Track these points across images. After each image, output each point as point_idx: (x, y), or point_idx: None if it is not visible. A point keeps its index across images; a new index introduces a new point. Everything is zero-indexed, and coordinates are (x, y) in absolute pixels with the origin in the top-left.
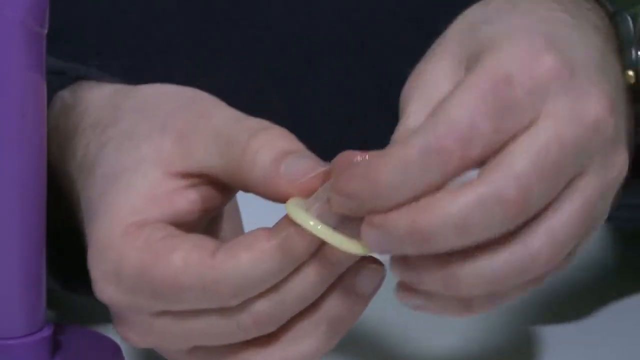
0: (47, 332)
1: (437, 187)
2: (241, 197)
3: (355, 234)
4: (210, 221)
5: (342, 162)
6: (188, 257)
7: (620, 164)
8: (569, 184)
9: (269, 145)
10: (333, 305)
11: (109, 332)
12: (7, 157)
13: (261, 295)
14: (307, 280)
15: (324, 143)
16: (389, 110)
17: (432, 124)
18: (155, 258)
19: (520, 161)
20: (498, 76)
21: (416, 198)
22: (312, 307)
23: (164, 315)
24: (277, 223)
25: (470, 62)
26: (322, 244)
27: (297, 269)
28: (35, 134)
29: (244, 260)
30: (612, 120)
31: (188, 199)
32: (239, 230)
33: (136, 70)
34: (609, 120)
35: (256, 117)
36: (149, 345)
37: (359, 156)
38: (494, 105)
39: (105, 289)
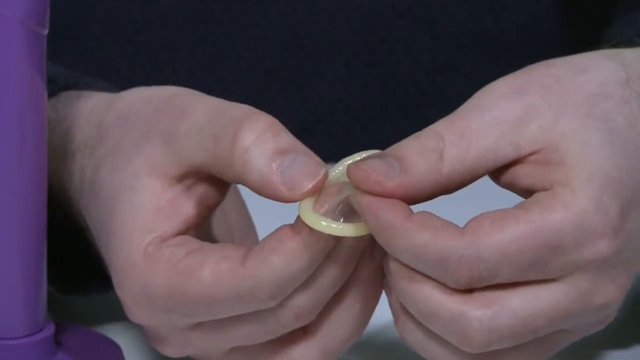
0: (48, 332)
1: None
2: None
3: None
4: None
5: (363, 177)
6: (218, 270)
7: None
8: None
9: (259, 144)
10: (360, 280)
11: (110, 331)
12: (7, 158)
13: (297, 289)
14: (337, 263)
15: (328, 141)
16: (393, 108)
17: (463, 246)
18: (184, 278)
19: (517, 302)
20: (550, 237)
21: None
22: (341, 290)
23: (200, 327)
24: (298, 218)
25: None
26: None
27: (327, 256)
28: (36, 134)
29: (275, 263)
30: (618, 303)
31: (190, 204)
32: (244, 212)
33: (140, 68)
34: (615, 304)
35: None
36: (188, 354)
37: (381, 176)
38: (529, 258)
39: (137, 312)
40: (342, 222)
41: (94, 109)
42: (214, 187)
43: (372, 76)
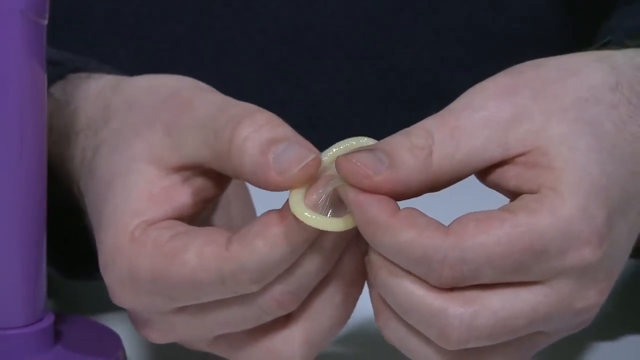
0: (47, 322)
1: None
2: None
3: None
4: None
5: (352, 170)
6: (202, 253)
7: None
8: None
9: (255, 135)
10: (344, 270)
11: (109, 321)
12: (7, 147)
13: (280, 276)
14: (321, 253)
15: (329, 134)
16: (394, 102)
17: (446, 252)
18: (169, 260)
19: (497, 302)
20: (535, 242)
21: None
22: (325, 280)
23: (184, 311)
24: (285, 204)
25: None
26: None
27: (312, 243)
28: (35, 124)
29: (259, 247)
30: (598, 307)
31: (185, 193)
32: (249, 204)
33: (141, 61)
34: (595, 308)
35: (261, 107)
36: (172, 340)
37: (369, 170)
38: (512, 261)
39: (121, 295)
40: (330, 213)
41: (101, 91)
42: (213, 181)
43: (374, 70)
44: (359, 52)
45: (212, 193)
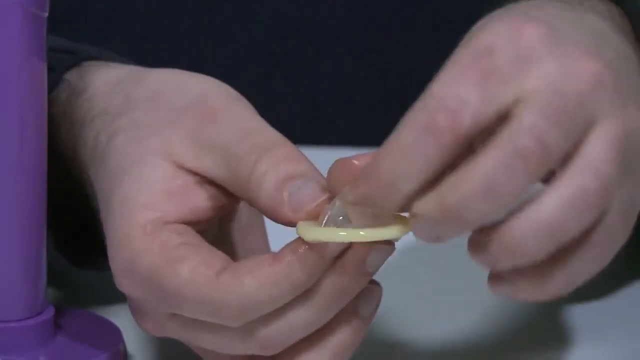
0: (48, 314)
1: (444, 164)
2: None
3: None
4: (232, 228)
5: (341, 171)
6: (195, 272)
7: (637, 118)
8: (587, 133)
9: (274, 170)
10: (336, 332)
11: (110, 314)
12: (7, 140)
13: (267, 320)
14: (313, 308)
15: (329, 129)
16: (394, 97)
17: (420, 105)
18: (167, 266)
19: (527, 116)
20: (479, 49)
21: (429, 181)
22: (316, 334)
23: (175, 318)
24: (281, 249)
25: None
26: (324, 271)
27: (303, 296)
28: (36, 117)
29: (247, 284)
30: (611, 77)
31: (201, 196)
32: (263, 240)
33: (141, 56)
34: (606, 74)
35: (261, 102)
36: (164, 336)
37: (355, 160)
38: (475, 75)
39: (121, 280)
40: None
41: (123, 80)
42: (225, 193)
43: (374, 65)
44: (359, 47)
45: (225, 203)
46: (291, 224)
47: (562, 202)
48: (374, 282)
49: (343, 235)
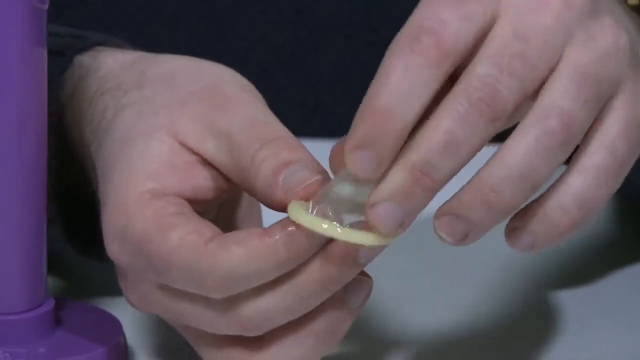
0: (47, 307)
1: (436, 86)
2: None
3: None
4: (229, 215)
5: (341, 151)
6: (184, 238)
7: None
8: (607, 105)
9: (274, 157)
10: (322, 319)
11: (111, 307)
12: (8, 132)
13: (250, 297)
14: (297, 291)
15: (329, 119)
16: None
17: (401, 33)
18: (157, 232)
19: (480, 67)
20: (510, 38)
21: (425, 107)
22: (300, 319)
23: (162, 289)
24: (272, 224)
25: None
26: (309, 253)
27: (288, 277)
28: (36, 108)
29: (234, 254)
30: (628, 42)
31: (204, 175)
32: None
33: (141, 46)
34: (624, 40)
35: (261, 94)
36: (148, 312)
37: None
38: (510, 63)
39: (111, 246)
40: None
41: (137, 61)
42: (226, 178)
43: (374, 55)
44: (360, 37)
45: (225, 186)
46: (283, 207)
47: (529, 146)
48: (364, 274)
49: (323, 227)
